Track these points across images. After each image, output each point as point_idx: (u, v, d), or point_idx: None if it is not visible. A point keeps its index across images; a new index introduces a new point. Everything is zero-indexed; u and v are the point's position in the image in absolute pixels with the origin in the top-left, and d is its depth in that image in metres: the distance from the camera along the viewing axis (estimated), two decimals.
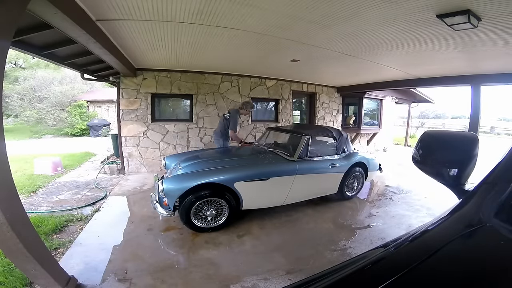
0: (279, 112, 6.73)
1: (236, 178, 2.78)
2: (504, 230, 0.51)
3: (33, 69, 16.82)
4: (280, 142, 4.06)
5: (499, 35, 2.61)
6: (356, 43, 3.23)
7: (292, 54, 3.90)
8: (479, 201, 0.60)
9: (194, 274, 2.11)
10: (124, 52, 3.79)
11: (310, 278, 0.51)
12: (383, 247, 0.58)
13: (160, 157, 5.31)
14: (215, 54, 4.02)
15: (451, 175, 0.76)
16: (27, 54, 3.25)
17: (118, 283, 1.97)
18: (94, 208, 3.40)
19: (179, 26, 2.72)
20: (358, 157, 3.86)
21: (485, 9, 2.09)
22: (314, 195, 3.57)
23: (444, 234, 0.57)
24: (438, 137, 0.88)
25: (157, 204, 2.72)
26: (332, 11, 2.29)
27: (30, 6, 1.58)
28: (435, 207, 3.74)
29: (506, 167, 0.63)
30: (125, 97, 5.11)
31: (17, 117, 14.99)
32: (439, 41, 2.95)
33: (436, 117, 29.94)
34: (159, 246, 2.55)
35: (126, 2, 2.17)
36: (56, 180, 4.76)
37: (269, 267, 2.19)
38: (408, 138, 11.54)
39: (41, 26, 2.32)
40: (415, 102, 10.76)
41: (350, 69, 4.91)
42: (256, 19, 2.52)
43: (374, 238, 2.80)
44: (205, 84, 5.66)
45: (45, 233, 2.61)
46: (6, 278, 1.90)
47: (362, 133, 8.08)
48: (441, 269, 0.44)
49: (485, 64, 3.94)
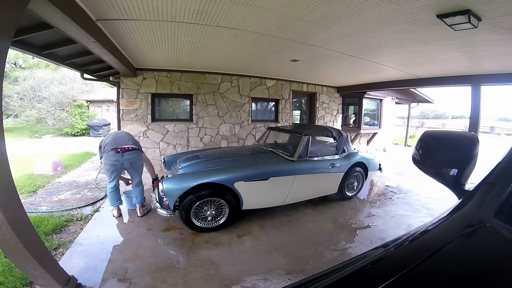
0: (279, 112, 6.74)
1: (236, 178, 2.79)
2: (504, 230, 0.51)
3: (32, 69, 16.82)
4: (280, 142, 4.06)
5: (499, 35, 2.61)
6: (356, 43, 3.23)
7: (292, 54, 3.90)
8: (479, 201, 0.60)
9: (194, 274, 2.11)
10: (124, 52, 3.79)
11: (310, 278, 0.51)
12: (383, 247, 0.58)
13: (160, 157, 5.30)
14: (215, 54, 4.02)
15: (451, 175, 0.76)
16: (27, 54, 3.25)
17: (118, 283, 1.97)
18: (94, 208, 3.40)
19: (179, 26, 2.72)
20: (358, 157, 3.86)
21: (485, 9, 2.09)
22: (314, 195, 3.57)
23: (444, 234, 0.57)
24: (438, 137, 0.88)
25: (157, 204, 2.72)
26: (332, 11, 2.29)
27: (30, 6, 1.58)
28: (435, 207, 3.74)
29: (506, 167, 0.63)
30: (125, 97, 5.11)
31: (17, 117, 15.00)
32: (439, 41, 2.95)
33: (436, 117, 29.89)
34: (159, 246, 2.55)
35: (126, 2, 2.17)
36: (56, 180, 4.76)
37: (269, 267, 2.20)
38: (408, 138, 11.54)
39: (41, 26, 2.33)
40: (415, 102, 10.76)
41: (350, 69, 4.91)
42: (256, 19, 2.52)
43: (374, 238, 2.80)
44: (205, 84, 5.67)
45: (45, 233, 2.61)
46: (6, 278, 1.90)
47: (362, 133, 8.08)
48: (441, 269, 0.44)
49: (485, 64, 3.94)
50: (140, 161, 3.11)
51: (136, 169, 3.06)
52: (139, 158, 3.07)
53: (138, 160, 3.06)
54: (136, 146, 3.05)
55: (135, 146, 3.02)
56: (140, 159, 3.09)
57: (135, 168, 3.04)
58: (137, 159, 3.03)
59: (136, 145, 3.08)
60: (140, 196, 3.17)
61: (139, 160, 3.07)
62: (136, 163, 3.04)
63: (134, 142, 3.09)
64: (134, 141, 3.13)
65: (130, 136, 3.19)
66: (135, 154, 3.00)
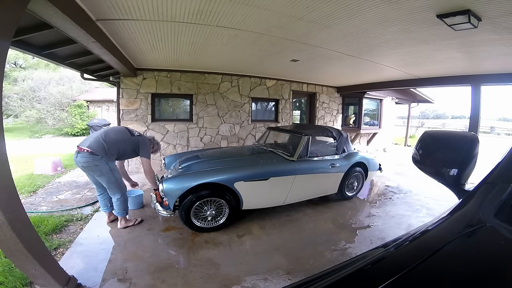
0: (279, 112, 6.74)
1: (236, 178, 2.78)
2: (504, 230, 0.51)
3: (32, 69, 16.82)
4: (280, 142, 4.06)
5: (499, 35, 2.61)
6: (356, 43, 3.23)
7: (292, 54, 3.90)
8: (479, 201, 0.60)
9: (194, 274, 2.11)
10: (124, 52, 3.79)
11: (310, 278, 0.51)
12: (383, 247, 0.58)
13: (160, 157, 5.30)
14: (215, 54, 4.02)
15: (451, 175, 0.76)
16: (27, 54, 3.25)
17: (118, 283, 1.97)
18: (94, 208, 3.40)
19: (179, 26, 2.72)
20: (358, 157, 3.86)
21: (485, 9, 2.09)
22: (314, 195, 3.57)
23: (444, 234, 0.57)
24: (438, 137, 0.88)
25: (157, 204, 2.72)
26: (332, 11, 2.29)
27: (30, 6, 1.58)
28: (435, 207, 3.74)
29: (506, 167, 0.63)
30: (125, 97, 5.11)
31: (17, 117, 14.99)
32: (439, 41, 2.95)
33: (436, 117, 29.87)
34: (159, 246, 2.55)
35: (126, 2, 2.17)
36: (56, 180, 4.76)
37: (269, 267, 2.19)
38: (408, 138, 11.54)
39: (41, 26, 2.32)
40: (415, 102, 10.76)
41: (350, 69, 4.91)
42: (256, 19, 2.52)
43: (374, 238, 2.80)
44: (205, 84, 5.67)
45: (45, 233, 2.61)
46: (6, 278, 1.89)
47: (362, 133, 8.08)
48: (441, 269, 0.44)
49: (485, 64, 3.94)
50: (98, 167, 2.55)
51: (96, 176, 2.61)
52: (95, 164, 2.53)
53: (93, 166, 2.53)
54: (92, 150, 2.50)
55: (90, 150, 2.51)
56: (96, 165, 2.54)
57: (93, 174, 2.61)
58: (91, 164, 2.52)
59: (98, 150, 2.53)
60: (117, 208, 2.74)
61: (94, 166, 2.53)
62: (90, 169, 2.55)
63: (95, 145, 2.53)
64: (99, 144, 2.56)
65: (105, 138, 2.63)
66: (87, 158, 2.50)
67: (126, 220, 2.86)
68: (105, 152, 2.58)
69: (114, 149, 2.67)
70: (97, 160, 2.54)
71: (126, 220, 2.87)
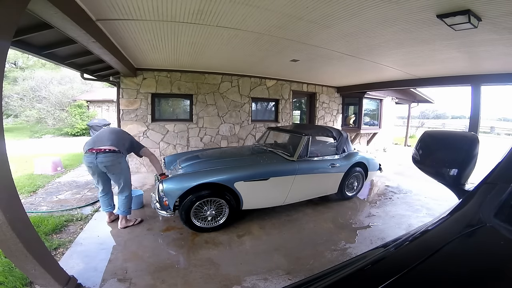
0: (279, 112, 6.74)
1: (236, 178, 2.79)
2: (504, 230, 0.51)
3: (32, 69, 16.80)
4: (280, 142, 4.06)
5: (499, 35, 2.61)
6: (356, 43, 3.23)
7: (292, 54, 3.90)
8: (479, 201, 0.60)
9: (194, 274, 2.11)
10: (124, 52, 3.79)
11: (310, 278, 0.51)
12: (383, 247, 0.58)
13: (160, 157, 5.30)
14: (215, 54, 4.02)
15: (451, 175, 0.76)
16: (27, 54, 3.24)
17: (118, 283, 1.97)
18: (94, 208, 3.40)
19: (179, 26, 2.72)
20: (358, 157, 3.86)
21: (485, 9, 2.09)
22: (314, 195, 3.57)
23: (444, 234, 0.57)
24: (438, 137, 0.88)
25: (157, 204, 2.72)
26: (332, 11, 2.29)
27: (30, 6, 1.58)
28: (435, 207, 3.74)
29: (506, 167, 0.63)
30: (125, 97, 5.11)
31: (17, 117, 15.00)
32: (439, 41, 2.95)
33: (436, 117, 29.85)
34: (159, 246, 2.55)
35: (126, 2, 2.17)
36: (56, 180, 4.76)
37: (269, 267, 2.19)
38: (408, 138, 11.54)
39: (41, 26, 2.32)
40: (415, 102, 10.76)
41: (350, 69, 4.91)
42: (256, 19, 2.52)
43: (374, 238, 2.80)
44: (205, 84, 5.67)
45: (45, 233, 2.61)
46: (6, 278, 1.90)
47: (362, 133, 8.08)
48: (441, 269, 0.44)
49: (485, 64, 3.94)
50: (120, 165, 2.66)
51: (115, 174, 2.66)
52: (118, 162, 2.62)
53: (117, 164, 2.61)
54: (115, 148, 2.61)
55: (113, 148, 2.59)
56: (120, 163, 2.64)
57: (113, 173, 2.64)
58: (115, 163, 2.59)
59: (119, 147, 2.65)
60: (123, 207, 2.76)
61: (118, 164, 2.62)
62: (113, 168, 2.60)
63: (116, 143, 2.65)
64: (118, 142, 2.69)
65: (115, 136, 2.74)
66: (112, 157, 2.56)
67: (126, 220, 2.88)
68: (125, 149, 2.77)
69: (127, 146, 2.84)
70: (120, 158, 2.67)
71: (127, 220, 2.89)
